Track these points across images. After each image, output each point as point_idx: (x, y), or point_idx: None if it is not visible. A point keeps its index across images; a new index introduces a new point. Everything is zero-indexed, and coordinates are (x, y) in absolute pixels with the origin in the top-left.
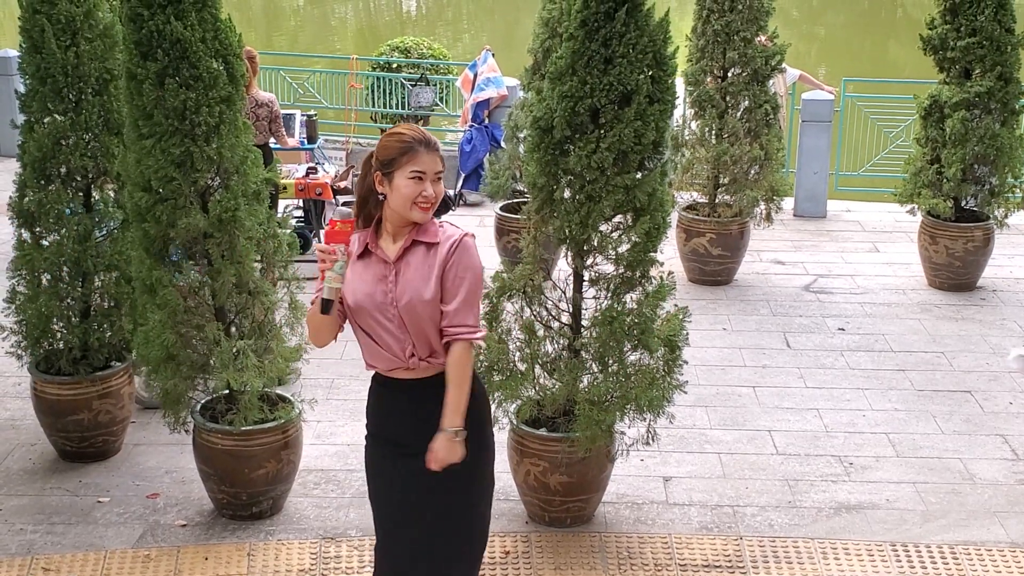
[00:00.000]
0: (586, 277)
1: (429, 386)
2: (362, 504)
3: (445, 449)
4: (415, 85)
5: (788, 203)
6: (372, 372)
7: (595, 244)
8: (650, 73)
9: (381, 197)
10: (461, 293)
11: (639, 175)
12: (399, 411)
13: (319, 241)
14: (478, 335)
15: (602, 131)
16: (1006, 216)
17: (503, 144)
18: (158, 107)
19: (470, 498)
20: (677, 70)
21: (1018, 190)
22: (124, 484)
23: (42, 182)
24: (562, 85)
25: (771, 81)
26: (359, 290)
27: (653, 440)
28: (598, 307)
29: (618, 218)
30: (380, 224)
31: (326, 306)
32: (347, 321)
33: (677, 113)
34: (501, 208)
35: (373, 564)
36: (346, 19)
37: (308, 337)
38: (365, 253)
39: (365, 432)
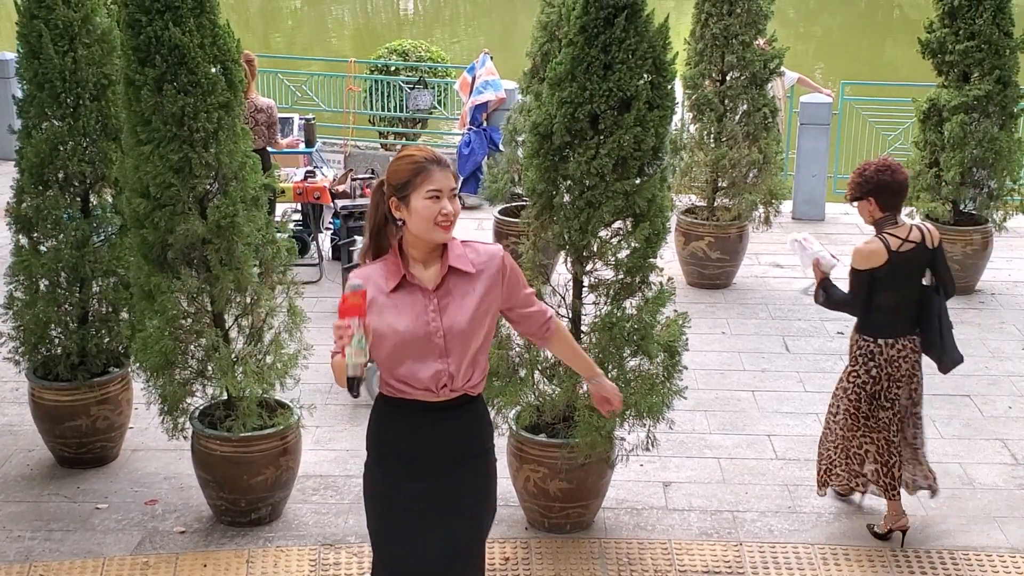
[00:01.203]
0: (585, 283)
1: (450, 408)
2: (361, 510)
3: (611, 386)
4: (413, 88)
5: (787, 206)
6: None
7: (595, 250)
8: (649, 79)
9: (400, 223)
10: (529, 300)
11: (639, 181)
12: (420, 434)
13: (316, 245)
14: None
15: (602, 137)
16: (1004, 219)
17: (501, 147)
18: (156, 113)
19: (483, 527)
20: (677, 75)
21: (1016, 193)
22: (122, 490)
23: (40, 188)
24: (561, 91)
25: (769, 84)
26: (399, 325)
27: (653, 445)
28: (598, 313)
29: (618, 224)
30: (402, 253)
31: (353, 385)
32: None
33: (675, 117)
34: (500, 212)
35: None
36: (343, 20)
37: (336, 377)
38: (400, 285)
39: (370, 457)
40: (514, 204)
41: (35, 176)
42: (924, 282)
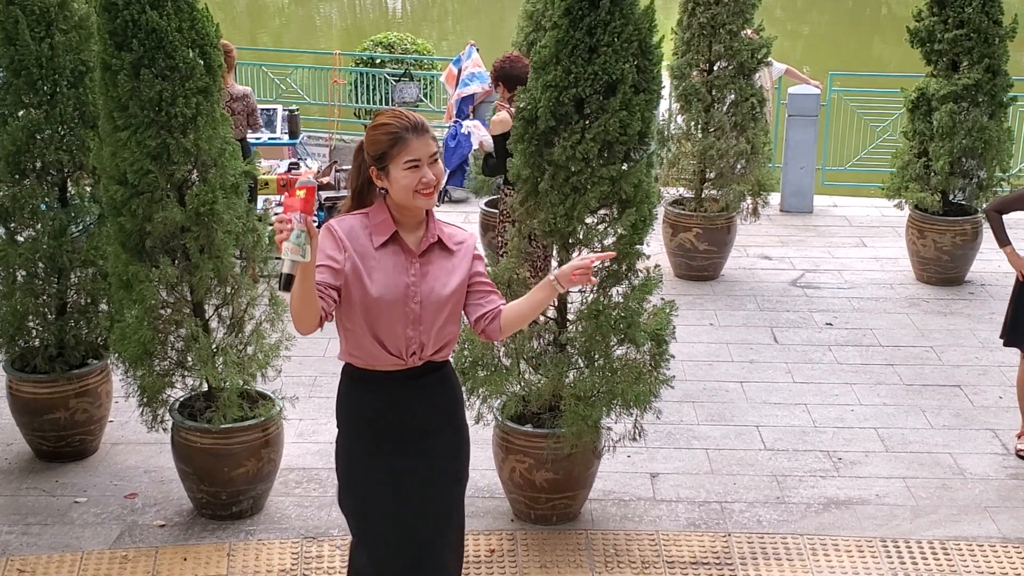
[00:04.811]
0: None
1: (417, 376)
2: None
3: (569, 264)
4: (399, 80)
5: (774, 198)
6: (344, 366)
7: (580, 237)
8: (635, 62)
9: (383, 192)
10: (488, 285)
11: (625, 166)
12: (390, 403)
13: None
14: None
15: (587, 121)
16: None
17: None
18: (133, 98)
19: (456, 493)
20: (663, 60)
21: (1006, 183)
22: (101, 484)
23: (16, 176)
24: (546, 75)
25: (757, 74)
26: (380, 280)
27: (640, 436)
28: (584, 301)
29: (604, 210)
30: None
31: (286, 282)
32: (333, 313)
33: (663, 107)
34: (486, 204)
35: (348, 567)
36: (331, 19)
37: (293, 323)
38: (390, 241)
39: (340, 431)
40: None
41: (12, 165)
42: None
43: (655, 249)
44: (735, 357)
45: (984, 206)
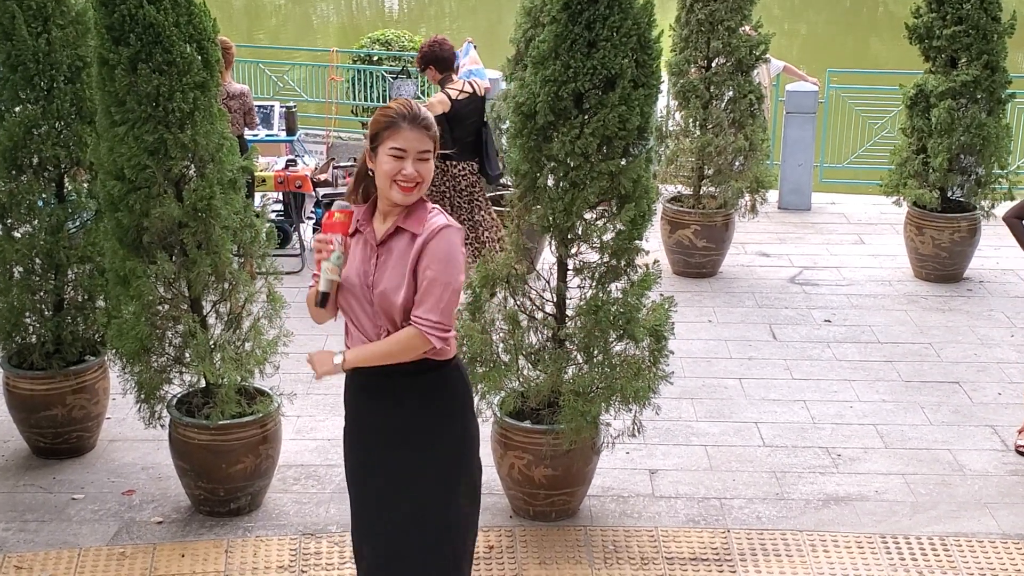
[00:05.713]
0: (570, 266)
1: (405, 375)
2: (343, 499)
3: (317, 359)
4: (396, 77)
5: (772, 196)
6: None
7: (579, 232)
8: (634, 57)
9: (370, 173)
10: (423, 287)
11: (624, 161)
12: (372, 400)
13: (298, 235)
14: (435, 335)
15: (586, 116)
16: (992, 207)
17: None
18: (131, 93)
19: (446, 491)
20: (662, 54)
21: (1004, 180)
22: (99, 481)
23: (13, 172)
24: (545, 69)
25: (755, 71)
26: (348, 268)
27: (639, 432)
28: (582, 296)
29: (602, 206)
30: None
31: (323, 299)
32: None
33: (661, 103)
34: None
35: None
36: (328, 18)
37: (311, 315)
38: (359, 229)
39: (345, 418)
40: (499, 192)
41: (9, 161)
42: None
43: (653, 246)
44: (734, 354)
45: (1003, 214)
